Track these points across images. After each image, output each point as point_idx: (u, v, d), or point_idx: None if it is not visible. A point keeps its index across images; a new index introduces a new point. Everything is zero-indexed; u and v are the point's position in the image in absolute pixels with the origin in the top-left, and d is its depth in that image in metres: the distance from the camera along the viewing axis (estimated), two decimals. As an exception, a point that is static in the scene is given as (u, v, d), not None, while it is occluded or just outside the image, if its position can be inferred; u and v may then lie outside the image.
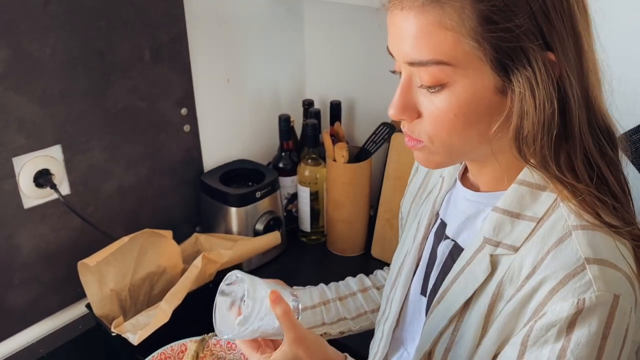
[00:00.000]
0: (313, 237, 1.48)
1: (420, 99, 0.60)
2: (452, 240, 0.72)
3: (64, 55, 1.06)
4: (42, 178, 1.08)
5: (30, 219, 1.09)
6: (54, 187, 1.09)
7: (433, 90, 0.58)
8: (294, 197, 1.46)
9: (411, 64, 0.58)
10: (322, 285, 0.99)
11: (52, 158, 1.09)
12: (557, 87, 0.55)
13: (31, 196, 1.08)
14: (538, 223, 0.61)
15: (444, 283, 0.69)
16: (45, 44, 1.03)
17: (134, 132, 1.22)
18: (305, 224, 1.46)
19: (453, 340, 0.67)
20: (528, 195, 0.61)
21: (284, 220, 1.42)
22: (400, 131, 1.33)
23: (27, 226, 1.09)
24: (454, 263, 0.69)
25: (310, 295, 0.94)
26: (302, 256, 1.44)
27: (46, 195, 1.10)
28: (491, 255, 0.63)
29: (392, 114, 0.61)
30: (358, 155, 1.37)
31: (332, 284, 0.99)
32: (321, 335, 0.92)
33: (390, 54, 0.62)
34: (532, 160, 0.59)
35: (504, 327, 0.61)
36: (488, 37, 0.54)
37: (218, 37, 1.35)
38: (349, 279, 1.01)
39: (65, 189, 1.13)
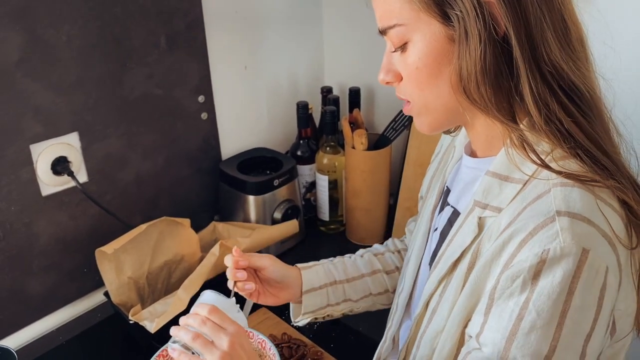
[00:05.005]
0: (332, 227, 1.46)
1: (397, 61, 0.65)
2: (452, 207, 0.73)
3: (79, 42, 1.05)
4: (60, 165, 1.08)
5: (48, 206, 1.09)
6: (71, 174, 1.09)
7: (401, 51, 0.63)
8: (312, 186, 1.45)
9: (381, 32, 0.65)
10: (328, 263, 0.94)
11: (69, 145, 1.09)
12: (491, 27, 0.56)
13: (49, 184, 1.08)
14: (524, 185, 0.60)
15: (440, 249, 0.70)
16: (61, 31, 1.02)
17: (150, 120, 1.21)
18: (324, 213, 1.44)
19: (439, 303, 0.68)
20: (516, 159, 0.61)
21: (302, 209, 1.41)
22: (421, 117, 1.31)
23: (45, 214, 1.09)
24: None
25: (317, 274, 0.90)
26: (320, 245, 1.42)
27: (64, 183, 1.10)
28: (479, 217, 0.64)
29: (380, 78, 0.67)
30: (377, 142, 1.34)
31: (339, 262, 0.94)
32: (324, 317, 0.91)
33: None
34: (477, 101, 0.59)
35: (476, 282, 0.61)
36: None
37: (235, 23, 1.34)
38: (357, 259, 0.96)
39: (82, 176, 1.13)
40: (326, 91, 1.48)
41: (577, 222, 0.55)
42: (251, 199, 1.29)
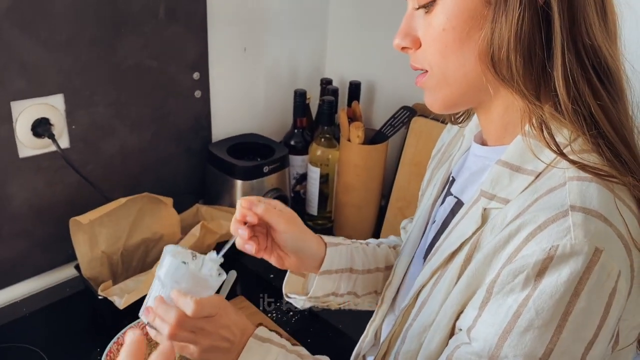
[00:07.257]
0: (319, 222, 1.41)
1: (419, 24, 0.61)
2: (456, 197, 0.68)
3: (74, -1, 1.00)
4: (41, 127, 1.03)
5: (24, 169, 1.04)
6: (52, 137, 1.03)
7: (427, 11, 0.59)
8: (303, 178, 1.40)
9: None
10: (351, 245, 0.82)
11: (53, 107, 1.04)
12: None
13: (28, 145, 1.03)
14: (537, 177, 0.56)
15: (439, 241, 0.65)
16: (56, -16, 0.97)
17: (141, 92, 1.16)
18: (313, 207, 1.40)
19: (429, 295, 0.63)
20: (533, 148, 0.57)
21: (290, 201, 1.36)
22: (421, 115, 1.27)
23: (21, 176, 1.04)
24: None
25: (339, 256, 0.79)
26: (306, 240, 1.37)
27: (44, 146, 1.05)
28: (484, 208, 0.59)
29: (395, 42, 0.63)
30: (374, 138, 1.30)
31: (360, 247, 0.84)
32: (324, 305, 0.83)
33: None
34: (503, 72, 0.55)
35: (474, 275, 0.57)
36: None
37: (239, 2, 1.29)
38: (377, 250, 0.87)
39: (64, 142, 1.07)
40: (326, 83, 1.44)
41: (592, 219, 0.50)
42: (239, 183, 1.24)
